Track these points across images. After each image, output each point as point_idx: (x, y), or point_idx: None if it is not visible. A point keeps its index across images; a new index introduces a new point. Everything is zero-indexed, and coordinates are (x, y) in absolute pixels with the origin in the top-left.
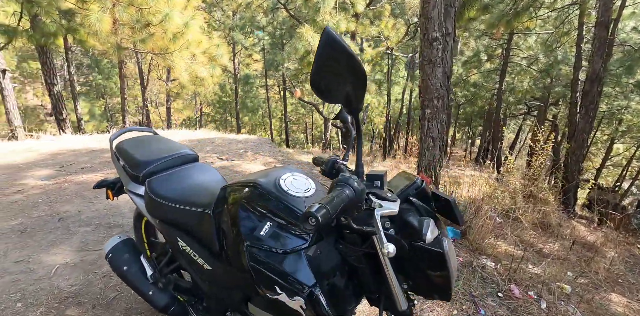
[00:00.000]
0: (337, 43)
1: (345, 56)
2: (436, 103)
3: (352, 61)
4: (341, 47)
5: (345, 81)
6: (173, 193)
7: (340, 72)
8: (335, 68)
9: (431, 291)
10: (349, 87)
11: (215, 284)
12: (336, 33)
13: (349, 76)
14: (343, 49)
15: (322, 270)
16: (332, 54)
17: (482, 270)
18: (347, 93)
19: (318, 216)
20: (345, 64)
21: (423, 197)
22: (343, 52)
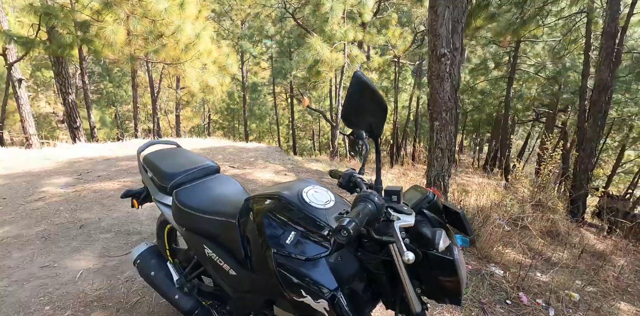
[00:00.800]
0: (365, 84)
1: (370, 93)
2: (445, 116)
3: (376, 97)
4: (368, 86)
5: (369, 112)
6: (199, 203)
7: (365, 105)
8: (361, 103)
9: (443, 295)
10: (371, 118)
11: (240, 289)
12: (364, 75)
13: (372, 109)
14: (369, 88)
15: (343, 276)
16: (360, 93)
17: (490, 278)
18: (370, 122)
19: (349, 228)
20: (370, 99)
21: (434, 209)
22: (369, 91)
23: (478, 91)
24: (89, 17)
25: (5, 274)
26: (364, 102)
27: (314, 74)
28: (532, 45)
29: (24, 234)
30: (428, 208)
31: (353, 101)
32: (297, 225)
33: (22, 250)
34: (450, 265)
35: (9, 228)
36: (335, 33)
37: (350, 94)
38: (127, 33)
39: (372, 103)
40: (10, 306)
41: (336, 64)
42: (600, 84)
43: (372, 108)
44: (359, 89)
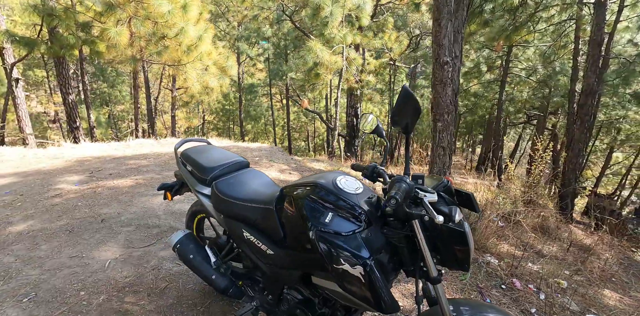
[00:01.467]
0: (410, 95)
1: (413, 101)
2: (446, 117)
3: (416, 104)
4: (412, 97)
5: (408, 115)
6: (237, 192)
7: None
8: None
9: (455, 263)
10: (409, 119)
11: (276, 266)
12: (409, 88)
13: (411, 113)
14: (413, 98)
15: (373, 248)
16: (407, 102)
17: (487, 266)
18: (407, 122)
19: (397, 197)
20: (411, 106)
21: (448, 192)
22: (413, 100)
23: (471, 93)
24: (91, 19)
25: (37, 264)
26: (407, 108)
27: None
28: (524, 50)
29: (48, 228)
30: (443, 191)
31: (401, 107)
32: (333, 207)
33: (49, 242)
34: (462, 236)
35: (33, 222)
36: (335, 36)
37: (399, 102)
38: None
39: (412, 108)
40: (47, 291)
41: (335, 66)
42: (587, 88)
43: (412, 112)
44: (406, 98)
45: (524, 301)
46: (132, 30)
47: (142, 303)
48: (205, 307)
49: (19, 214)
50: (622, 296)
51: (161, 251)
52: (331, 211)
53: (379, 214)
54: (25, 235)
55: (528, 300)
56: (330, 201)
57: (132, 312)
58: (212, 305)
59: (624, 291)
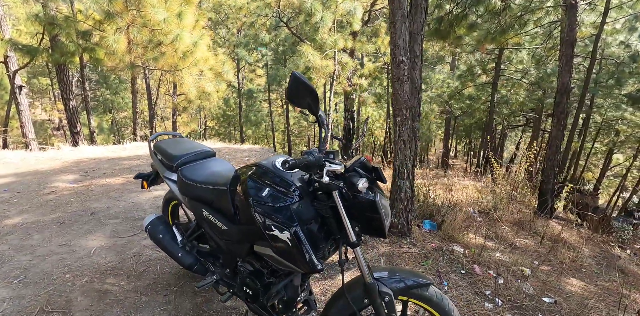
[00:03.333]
0: (300, 80)
1: (304, 85)
2: (405, 112)
3: (309, 87)
4: (302, 81)
5: (306, 97)
6: (199, 177)
7: (303, 93)
8: (300, 90)
9: (372, 230)
10: (309, 100)
11: (230, 241)
12: (300, 74)
13: (308, 95)
14: (303, 82)
15: (303, 218)
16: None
17: (450, 254)
18: (309, 103)
19: (290, 162)
20: (305, 89)
21: (366, 168)
22: (303, 83)
23: (466, 96)
24: (91, 27)
25: (29, 251)
26: (302, 91)
27: None
28: (516, 52)
29: (41, 221)
30: (360, 167)
31: (294, 90)
32: (271, 183)
33: (41, 233)
34: (372, 204)
35: (27, 216)
36: (326, 41)
37: (290, 86)
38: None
39: (307, 91)
40: (36, 274)
41: (327, 70)
42: (562, 87)
43: (308, 94)
44: (296, 83)
45: (481, 284)
46: (130, 38)
47: (122, 284)
48: (178, 287)
49: (15, 209)
50: (587, 284)
51: (144, 240)
52: (268, 187)
53: (310, 190)
54: (20, 227)
55: (485, 284)
56: (269, 179)
57: (112, 291)
58: (184, 285)
59: (591, 280)
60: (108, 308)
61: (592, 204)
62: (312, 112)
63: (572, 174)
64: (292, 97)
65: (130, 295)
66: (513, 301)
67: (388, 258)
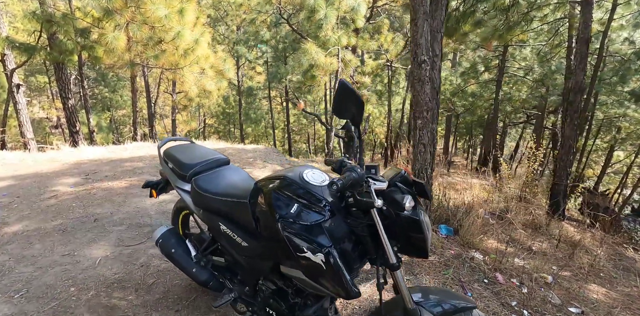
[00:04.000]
0: (348, 88)
1: (352, 94)
2: (426, 115)
3: (356, 96)
4: (350, 89)
5: (352, 107)
6: (215, 188)
7: (349, 102)
8: (346, 101)
9: (413, 250)
10: (354, 110)
11: (251, 257)
12: (347, 82)
13: (354, 104)
14: (351, 91)
15: (336, 237)
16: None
17: (470, 261)
18: (353, 114)
19: (338, 184)
20: (352, 98)
21: (406, 183)
22: (351, 92)
23: (469, 93)
24: (90, 24)
25: (30, 261)
26: (348, 100)
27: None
28: (520, 49)
29: (42, 228)
30: (400, 182)
31: (340, 100)
32: (299, 199)
33: (42, 241)
34: (417, 223)
35: (28, 223)
36: (329, 39)
37: (337, 95)
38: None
39: (353, 100)
40: (38, 288)
41: (330, 68)
42: (575, 86)
43: (354, 104)
44: (343, 91)
45: (505, 294)
46: (130, 35)
47: (130, 298)
48: (190, 301)
49: (15, 215)
50: (608, 290)
51: (151, 249)
52: (297, 202)
53: (342, 205)
54: (20, 235)
55: (509, 294)
56: (297, 193)
57: (120, 307)
58: (197, 300)
59: (612, 285)
60: None
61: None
62: (354, 123)
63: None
64: (339, 108)
65: (140, 310)
66: (540, 313)
67: (407, 267)
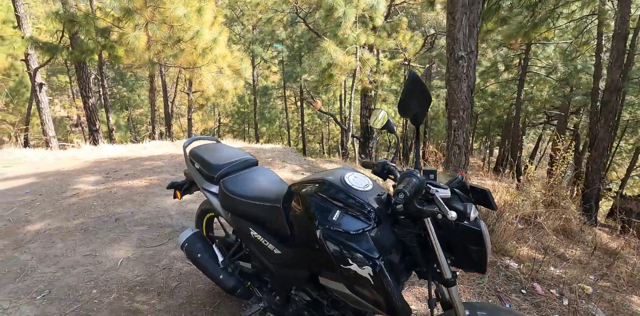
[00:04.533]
0: (419, 82)
1: (422, 89)
2: (462, 114)
3: (425, 93)
4: (421, 84)
5: (417, 104)
6: (245, 191)
7: (415, 99)
8: (413, 97)
9: (471, 264)
10: (418, 109)
11: (284, 266)
12: (417, 75)
13: (420, 102)
14: (421, 85)
15: (383, 247)
16: (414, 89)
17: (505, 269)
18: (416, 112)
19: (406, 191)
20: (420, 94)
21: (463, 189)
22: (421, 87)
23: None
24: (110, 24)
25: (52, 261)
26: (415, 96)
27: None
28: (543, 47)
29: (64, 227)
30: (457, 188)
31: (408, 94)
32: (341, 204)
33: (64, 241)
34: (478, 235)
35: (50, 221)
36: (348, 37)
37: (407, 89)
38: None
39: (421, 97)
40: (60, 289)
41: (348, 67)
42: (611, 85)
43: (421, 101)
44: (413, 85)
45: (546, 307)
46: (149, 35)
47: (152, 302)
48: (214, 307)
49: (37, 213)
50: None
51: (172, 251)
52: (339, 208)
53: (389, 212)
54: (42, 234)
55: (550, 306)
56: (338, 199)
57: (142, 311)
58: (221, 306)
59: None
60: None
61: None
62: (414, 122)
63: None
64: (405, 104)
65: (163, 315)
66: None
67: None
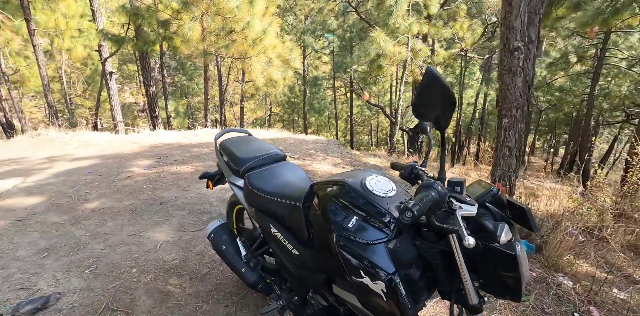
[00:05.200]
0: (437, 79)
1: (441, 87)
2: (515, 113)
3: (446, 91)
4: (439, 80)
5: (439, 105)
6: (268, 186)
7: (435, 99)
8: (431, 96)
9: (502, 291)
10: (439, 110)
11: (301, 267)
12: (436, 71)
13: (441, 102)
14: (440, 82)
15: (401, 261)
16: (432, 87)
17: (557, 288)
18: (438, 115)
19: (414, 210)
20: (440, 93)
21: (498, 204)
22: (439, 85)
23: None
24: (170, 16)
25: (102, 239)
26: (434, 96)
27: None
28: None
29: (116, 207)
30: (491, 203)
31: (424, 94)
32: (359, 211)
33: (114, 220)
34: (512, 259)
35: (105, 201)
36: (399, 26)
37: (422, 88)
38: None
39: (441, 97)
40: (106, 265)
41: (398, 58)
42: None
43: (442, 101)
44: (430, 83)
45: None
46: (204, 26)
47: (184, 287)
48: (240, 298)
49: (95, 193)
50: None
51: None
52: (356, 215)
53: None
54: (97, 212)
55: None
56: (357, 204)
57: (173, 294)
58: (246, 297)
59: None
60: (169, 314)
61: None
62: (438, 127)
63: None
64: (422, 105)
65: (192, 300)
66: None
67: None
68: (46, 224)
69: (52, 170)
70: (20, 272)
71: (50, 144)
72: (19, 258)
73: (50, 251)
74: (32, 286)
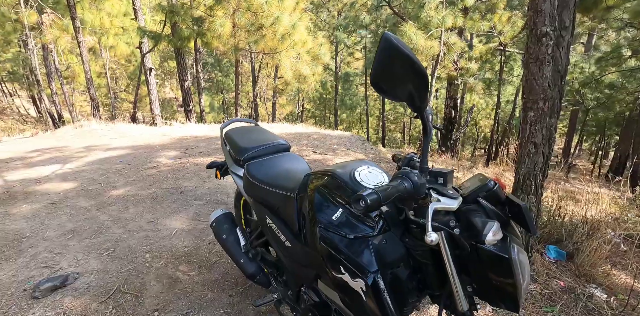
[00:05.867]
0: (396, 48)
1: (404, 58)
2: (542, 105)
3: (411, 62)
4: (400, 51)
5: (407, 81)
6: (265, 176)
7: (401, 73)
8: (396, 70)
9: (497, 298)
10: (412, 87)
11: (294, 261)
12: (395, 38)
13: (410, 77)
14: (402, 53)
15: (386, 259)
16: (392, 58)
17: (587, 300)
18: (410, 92)
19: (368, 199)
20: (405, 66)
21: (494, 201)
22: (402, 56)
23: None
24: (203, 13)
25: (122, 224)
26: (397, 69)
27: None
28: None
29: (139, 194)
30: (486, 198)
31: (384, 66)
32: (345, 203)
33: (136, 207)
34: (505, 263)
35: (130, 188)
36: (432, 19)
37: (379, 60)
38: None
39: (408, 70)
40: (122, 250)
41: (430, 52)
42: None
43: (409, 76)
44: (388, 54)
45: None
46: (235, 22)
47: (192, 274)
48: (244, 288)
49: (122, 180)
50: None
51: None
52: (341, 207)
53: (401, 218)
54: (121, 198)
55: None
56: (343, 196)
57: (182, 281)
58: (251, 288)
59: None
60: (175, 300)
61: None
62: (413, 108)
63: None
64: (381, 78)
65: (198, 288)
66: None
67: None
68: (75, 208)
69: (88, 158)
70: (47, 251)
71: (90, 135)
72: (47, 238)
73: (75, 234)
74: (55, 265)
